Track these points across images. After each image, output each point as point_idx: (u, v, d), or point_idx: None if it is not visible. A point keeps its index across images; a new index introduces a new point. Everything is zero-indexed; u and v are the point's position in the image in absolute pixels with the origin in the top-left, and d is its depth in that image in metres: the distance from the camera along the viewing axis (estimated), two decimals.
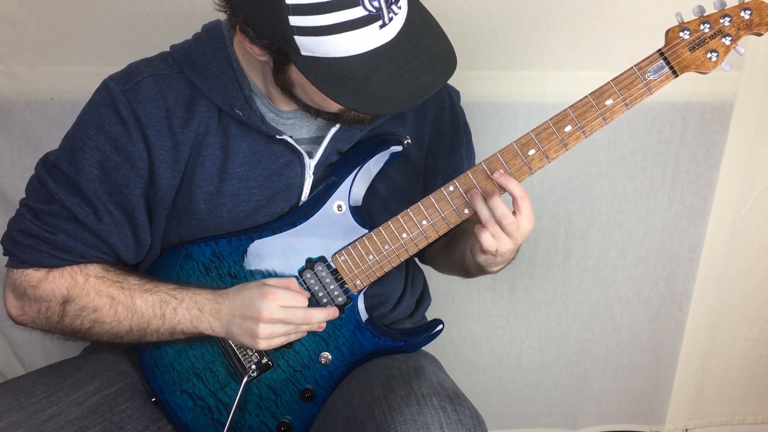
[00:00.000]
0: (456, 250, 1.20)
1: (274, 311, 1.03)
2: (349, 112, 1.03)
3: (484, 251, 1.05)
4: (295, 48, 0.91)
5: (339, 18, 0.87)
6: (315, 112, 1.06)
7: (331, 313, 1.09)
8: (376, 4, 0.88)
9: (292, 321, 1.05)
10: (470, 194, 1.05)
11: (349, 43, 0.89)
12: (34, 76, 1.42)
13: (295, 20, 0.87)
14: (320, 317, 1.07)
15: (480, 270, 1.14)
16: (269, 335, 1.04)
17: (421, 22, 0.96)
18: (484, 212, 1.03)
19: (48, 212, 1.04)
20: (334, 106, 1.01)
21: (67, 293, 1.05)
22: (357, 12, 0.87)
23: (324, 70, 0.92)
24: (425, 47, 0.95)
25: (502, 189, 1.05)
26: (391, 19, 0.90)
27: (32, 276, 1.05)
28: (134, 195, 1.06)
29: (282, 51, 0.93)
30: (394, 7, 0.90)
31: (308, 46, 0.90)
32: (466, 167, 1.25)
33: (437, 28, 0.99)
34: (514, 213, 1.03)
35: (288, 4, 0.86)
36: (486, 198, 1.03)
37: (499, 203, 1.02)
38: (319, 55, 0.91)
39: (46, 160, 1.07)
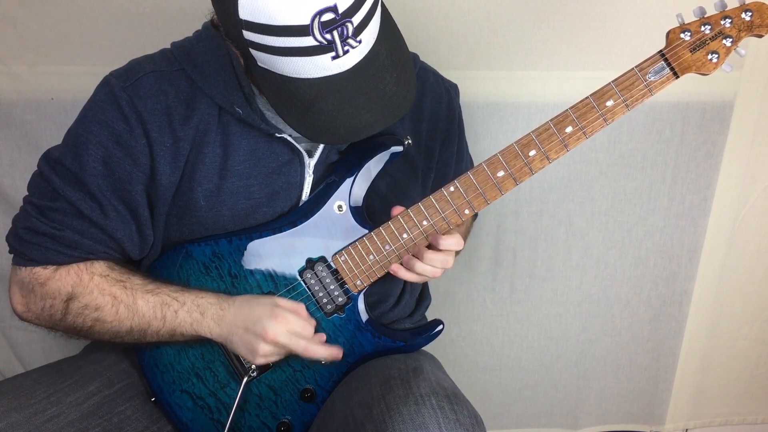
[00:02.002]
0: None
1: (280, 335, 1.04)
2: None
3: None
4: (252, 58, 0.92)
5: (289, 43, 0.87)
6: None
7: (334, 352, 1.09)
8: (328, 36, 0.87)
9: (294, 349, 1.06)
10: (405, 261, 1.09)
11: (298, 67, 0.89)
12: (34, 76, 1.42)
13: (248, 35, 0.88)
14: (322, 354, 1.08)
15: None
16: (268, 354, 1.06)
17: (386, 57, 0.95)
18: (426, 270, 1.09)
19: (54, 209, 1.04)
20: None
21: (71, 291, 1.05)
22: (307, 41, 0.86)
23: (275, 85, 0.92)
24: (378, 85, 0.94)
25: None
26: (346, 52, 0.89)
27: (40, 273, 1.05)
28: (137, 191, 1.06)
29: (245, 55, 0.94)
30: (350, 41, 0.89)
31: (262, 59, 0.91)
32: (454, 164, 1.26)
33: (404, 65, 0.98)
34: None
35: (241, 19, 0.87)
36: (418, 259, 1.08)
37: (432, 259, 1.08)
38: (272, 69, 0.91)
39: (49, 156, 1.07)
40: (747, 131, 1.56)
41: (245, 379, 1.11)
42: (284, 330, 1.04)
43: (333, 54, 0.88)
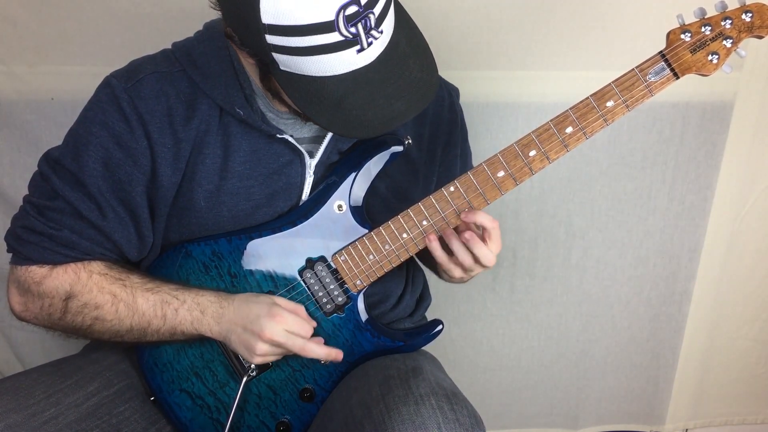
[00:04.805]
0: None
1: (277, 334, 1.03)
2: None
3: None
4: (274, 62, 0.91)
5: (314, 41, 0.86)
6: (305, 117, 1.05)
7: (333, 354, 1.08)
8: (353, 30, 0.87)
9: (291, 349, 1.05)
10: (445, 234, 1.07)
11: (324, 65, 0.89)
12: (34, 76, 1.42)
13: (271, 39, 0.87)
14: (319, 354, 1.07)
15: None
16: (265, 353, 1.05)
17: (406, 45, 0.95)
18: (460, 254, 1.06)
19: (52, 208, 1.04)
20: None
21: (70, 289, 1.05)
22: (333, 37, 0.86)
23: (301, 87, 0.92)
24: (404, 73, 0.94)
25: (470, 224, 1.06)
26: (370, 44, 0.89)
27: (36, 272, 1.05)
28: (137, 192, 1.06)
29: (264, 61, 0.94)
30: (373, 32, 0.89)
31: (285, 62, 0.90)
32: (459, 166, 1.26)
33: (424, 51, 0.98)
34: (483, 240, 1.05)
35: (264, 24, 0.86)
36: (466, 243, 1.05)
37: (482, 249, 1.05)
38: (296, 72, 0.91)
39: (49, 157, 1.07)
40: (747, 131, 1.57)
41: (245, 379, 1.11)
42: (281, 329, 1.03)
43: (358, 47, 0.88)
